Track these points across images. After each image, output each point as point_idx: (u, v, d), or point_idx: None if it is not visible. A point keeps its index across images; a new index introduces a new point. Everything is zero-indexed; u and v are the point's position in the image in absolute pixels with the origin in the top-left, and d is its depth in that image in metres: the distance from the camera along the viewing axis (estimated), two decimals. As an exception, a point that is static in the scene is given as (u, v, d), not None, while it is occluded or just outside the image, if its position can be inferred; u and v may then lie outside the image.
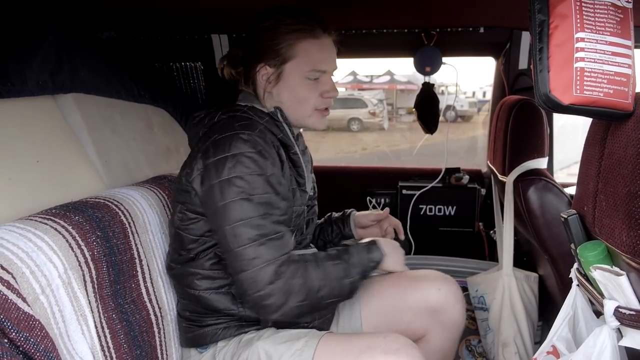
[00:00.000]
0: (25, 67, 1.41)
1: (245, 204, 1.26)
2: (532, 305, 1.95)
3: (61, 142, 1.52)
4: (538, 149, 1.76)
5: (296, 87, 1.42)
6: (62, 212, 1.22)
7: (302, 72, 1.41)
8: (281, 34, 1.39)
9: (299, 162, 1.45)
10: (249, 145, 1.28)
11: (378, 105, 15.49)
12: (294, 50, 1.39)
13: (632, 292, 0.88)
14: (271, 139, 1.37)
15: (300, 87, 1.42)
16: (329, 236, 1.76)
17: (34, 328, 0.97)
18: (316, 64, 1.41)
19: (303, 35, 1.39)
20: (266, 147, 1.31)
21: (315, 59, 1.41)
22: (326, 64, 1.44)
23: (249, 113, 1.42)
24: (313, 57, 1.40)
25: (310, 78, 1.41)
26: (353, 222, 1.75)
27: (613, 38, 0.87)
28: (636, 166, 0.82)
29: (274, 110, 1.43)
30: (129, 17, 2.04)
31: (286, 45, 1.39)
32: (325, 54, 1.43)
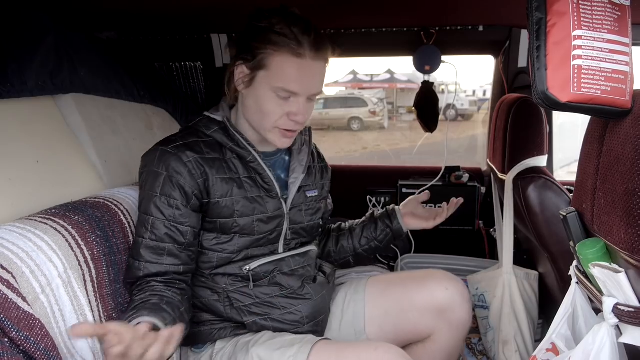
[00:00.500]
0: (25, 67, 1.41)
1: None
2: (533, 303, 1.95)
3: (61, 142, 1.52)
4: (537, 147, 1.76)
5: (262, 98, 1.33)
6: (62, 212, 1.23)
7: (270, 85, 1.31)
8: (266, 40, 1.29)
9: (260, 169, 1.41)
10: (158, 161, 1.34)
11: (378, 104, 15.49)
12: (270, 61, 1.29)
13: (630, 289, 0.88)
14: (194, 154, 1.35)
15: (265, 99, 1.33)
16: (374, 234, 1.72)
17: (34, 327, 0.97)
18: (287, 83, 1.30)
19: (284, 49, 1.28)
20: (174, 165, 1.32)
21: (287, 78, 1.30)
22: (299, 86, 1.31)
23: (199, 124, 1.43)
24: (286, 74, 1.29)
25: (278, 95, 1.32)
26: (400, 216, 1.73)
27: (611, 36, 0.87)
28: (634, 163, 0.82)
29: (222, 120, 1.42)
30: (129, 17, 2.04)
31: (265, 53, 1.29)
32: (301, 75, 1.31)
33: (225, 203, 1.37)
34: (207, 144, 1.39)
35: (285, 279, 1.46)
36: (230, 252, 1.40)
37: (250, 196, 1.40)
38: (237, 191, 1.38)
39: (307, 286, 1.49)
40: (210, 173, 1.36)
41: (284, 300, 1.44)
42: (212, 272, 1.41)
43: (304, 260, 1.52)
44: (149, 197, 1.32)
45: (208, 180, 1.36)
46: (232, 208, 1.38)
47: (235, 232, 1.39)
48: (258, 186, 1.42)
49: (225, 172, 1.38)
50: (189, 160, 1.33)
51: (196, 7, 1.89)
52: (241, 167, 1.41)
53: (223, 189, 1.37)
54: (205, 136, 1.40)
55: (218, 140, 1.40)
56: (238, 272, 1.41)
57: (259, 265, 1.43)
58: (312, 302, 1.48)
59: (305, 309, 1.46)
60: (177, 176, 1.32)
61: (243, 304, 1.41)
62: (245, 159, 1.40)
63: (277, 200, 1.45)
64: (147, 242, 1.30)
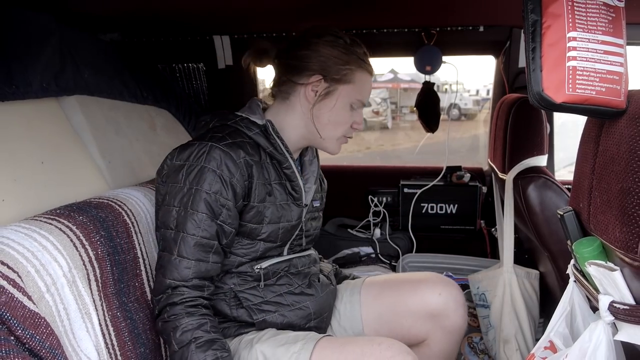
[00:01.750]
0: (29, 69, 1.43)
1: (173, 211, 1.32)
2: (533, 301, 1.96)
3: (65, 143, 1.54)
4: (538, 146, 1.77)
5: (339, 111, 1.43)
6: (67, 213, 1.24)
7: (351, 98, 1.43)
8: (346, 55, 1.41)
9: (293, 176, 1.44)
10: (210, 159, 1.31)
11: (382, 104, 15.48)
12: (353, 76, 1.42)
13: (626, 287, 0.89)
14: (245, 155, 1.35)
15: (343, 111, 1.44)
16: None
17: (40, 325, 0.99)
18: (364, 96, 1.46)
19: (363, 65, 1.43)
20: (228, 164, 1.31)
21: (365, 92, 1.46)
22: (367, 98, 1.49)
23: (240, 124, 1.41)
24: (364, 89, 1.45)
25: (353, 106, 1.45)
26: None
27: (605, 37, 0.89)
28: (629, 163, 0.84)
29: (265, 122, 1.42)
30: (132, 19, 2.06)
31: (348, 68, 1.41)
32: (369, 89, 1.49)
33: (259, 208, 1.38)
34: (251, 146, 1.38)
35: (292, 277, 1.48)
36: (252, 258, 1.41)
37: (278, 203, 1.41)
38: (269, 197, 1.39)
39: (314, 284, 1.52)
40: (255, 176, 1.36)
41: (292, 297, 1.46)
42: (225, 272, 1.42)
43: (308, 261, 1.54)
44: (198, 193, 1.28)
45: (252, 183, 1.35)
46: (263, 214, 1.38)
47: (262, 238, 1.40)
48: (287, 193, 1.43)
49: (263, 177, 1.39)
50: (239, 161, 1.32)
51: (199, 9, 1.91)
52: (273, 172, 1.41)
53: (261, 194, 1.37)
54: (248, 137, 1.39)
55: (259, 142, 1.40)
56: (249, 270, 1.42)
57: (270, 264, 1.44)
58: (319, 299, 1.50)
59: (313, 305, 1.48)
60: (230, 175, 1.30)
61: (253, 302, 1.42)
62: (281, 165, 1.42)
63: (301, 208, 1.47)
64: (199, 240, 1.29)
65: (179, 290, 1.28)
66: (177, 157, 1.35)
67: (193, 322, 1.26)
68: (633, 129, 0.84)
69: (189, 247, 1.28)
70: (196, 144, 1.33)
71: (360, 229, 2.78)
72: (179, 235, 1.29)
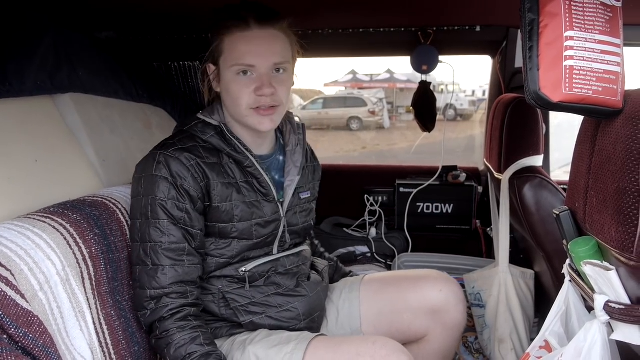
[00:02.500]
0: (24, 67, 1.42)
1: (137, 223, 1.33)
2: (528, 301, 1.97)
3: (59, 141, 1.53)
4: (533, 146, 1.77)
5: (229, 84, 1.36)
6: (60, 211, 1.24)
7: (228, 67, 1.34)
8: (216, 31, 1.36)
9: (258, 173, 1.41)
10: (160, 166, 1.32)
11: (378, 104, 15.51)
12: (223, 45, 1.35)
13: (621, 287, 0.89)
14: (196, 158, 1.34)
15: (231, 83, 1.35)
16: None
17: (33, 324, 0.98)
18: (240, 57, 1.32)
19: (231, 30, 1.33)
20: (177, 169, 1.31)
21: (240, 53, 1.32)
22: (253, 57, 1.33)
23: (194, 129, 1.40)
24: (237, 50, 1.33)
25: (239, 73, 1.34)
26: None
27: (602, 36, 0.89)
28: (625, 163, 0.84)
29: (218, 124, 1.41)
30: (128, 17, 2.05)
31: (218, 41, 1.36)
32: (253, 46, 1.33)
33: (224, 208, 1.37)
34: (205, 149, 1.38)
35: (280, 278, 1.47)
36: (229, 257, 1.41)
37: (248, 201, 1.40)
38: (237, 196, 1.38)
39: (302, 284, 1.50)
40: (211, 177, 1.35)
41: (280, 298, 1.45)
42: (208, 275, 1.41)
43: (298, 259, 1.53)
44: (154, 202, 1.30)
45: (209, 185, 1.35)
46: (232, 213, 1.38)
47: (234, 236, 1.39)
48: (255, 190, 1.42)
49: (224, 177, 1.38)
50: (190, 164, 1.32)
51: (194, 7, 1.90)
52: (238, 171, 1.40)
53: (223, 194, 1.37)
54: (202, 141, 1.39)
55: (215, 145, 1.39)
56: (234, 273, 1.41)
57: (255, 266, 1.43)
58: (308, 299, 1.49)
59: (301, 306, 1.47)
60: (181, 180, 1.31)
61: (240, 304, 1.41)
62: (243, 164, 1.40)
63: (274, 204, 1.45)
64: (167, 246, 1.29)
65: (162, 302, 1.28)
66: (136, 171, 1.37)
67: (186, 336, 1.26)
68: (630, 129, 0.84)
69: (160, 254, 1.29)
70: (150, 155, 1.36)
71: (356, 228, 2.78)
72: (147, 245, 1.30)
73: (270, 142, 1.52)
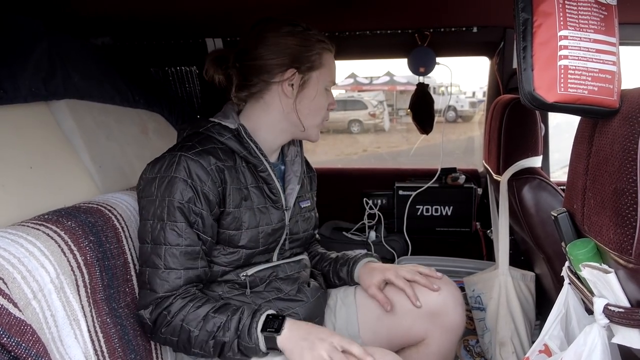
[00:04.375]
0: (18, 73, 1.41)
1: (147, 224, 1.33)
2: (529, 304, 1.95)
3: (55, 148, 1.52)
4: (532, 147, 1.76)
5: (317, 97, 1.44)
6: (55, 218, 1.23)
7: (325, 82, 1.45)
8: (312, 42, 1.41)
9: (270, 179, 1.42)
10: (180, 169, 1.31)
11: (378, 106, 15.50)
12: (322, 59, 1.43)
13: (620, 290, 0.88)
14: (216, 161, 1.34)
15: (320, 97, 1.45)
16: (330, 279, 1.69)
17: (26, 333, 0.97)
18: (334, 76, 1.48)
19: (326, 46, 1.44)
20: (198, 172, 1.31)
21: (334, 71, 1.48)
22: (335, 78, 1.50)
23: (211, 130, 1.40)
24: (333, 68, 1.47)
25: (327, 89, 1.47)
26: (357, 274, 1.62)
27: (597, 35, 0.88)
28: (623, 163, 0.82)
29: (237, 127, 1.40)
30: (124, 23, 2.04)
31: (316, 53, 1.41)
32: (336, 67, 1.50)
33: (235, 214, 1.37)
34: (223, 151, 1.37)
35: (281, 283, 1.46)
36: (235, 266, 1.40)
37: (255, 207, 1.40)
38: (244, 202, 1.38)
39: (303, 289, 1.50)
40: (229, 181, 1.35)
41: (280, 303, 1.45)
42: (210, 281, 1.41)
43: (298, 266, 1.53)
44: (171, 204, 1.28)
45: (226, 189, 1.35)
46: (240, 220, 1.37)
47: (242, 245, 1.38)
48: (264, 196, 1.42)
49: (237, 181, 1.38)
50: (211, 168, 1.32)
51: (191, 12, 1.90)
52: (250, 176, 1.40)
53: (235, 199, 1.36)
54: (220, 143, 1.38)
55: (231, 147, 1.38)
56: (235, 278, 1.41)
57: (256, 271, 1.43)
58: (308, 304, 1.49)
59: (302, 311, 1.47)
60: (200, 184, 1.30)
61: None
62: (257, 168, 1.40)
63: (281, 211, 1.46)
64: (184, 249, 1.29)
65: (170, 296, 1.29)
66: (149, 171, 1.35)
67: (198, 302, 1.28)
68: (627, 129, 0.83)
69: (175, 257, 1.28)
70: (167, 155, 1.34)
71: (355, 231, 2.77)
72: (161, 248, 1.29)
73: (278, 151, 1.54)
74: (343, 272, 1.64)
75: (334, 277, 1.67)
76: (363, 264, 1.63)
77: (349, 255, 1.68)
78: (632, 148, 0.80)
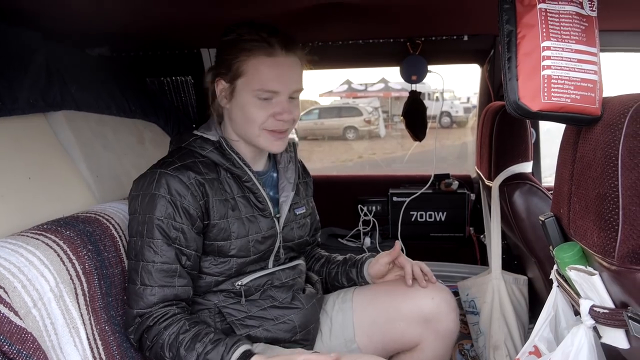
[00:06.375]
0: (16, 86, 1.43)
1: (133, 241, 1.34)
2: (522, 307, 1.98)
3: (53, 158, 1.54)
4: (522, 153, 1.79)
5: (245, 106, 1.37)
6: (54, 227, 1.25)
7: (251, 90, 1.35)
8: (237, 49, 1.36)
9: (255, 188, 1.42)
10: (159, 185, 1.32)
11: (373, 113, 15.54)
12: (245, 67, 1.35)
13: (605, 291, 0.91)
14: (195, 175, 1.35)
15: (249, 105, 1.37)
16: (344, 285, 1.70)
17: (26, 341, 0.99)
18: (265, 82, 1.35)
19: (256, 52, 1.34)
20: (177, 188, 1.32)
21: (265, 78, 1.35)
22: (277, 83, 1.36)
23: (193, 145, 1.41)
24: (263, 75, 1.35)
25: (260, 97, 1.36)
26: (367, 274, 1.65)
27: (578, 46, 0.91)
28: (605, 169, 0.85)
29: (219, 139, 1.42)
30: (120, 34, 2.07)
31: (239, 60, 1.35)
32: (278, 73, 1.36)
33: (222, 225, 1.37)
34: (204, 165, 1.38)
35: (276, 291, 1.47)
36: (227, 275, 1.41)
37: (244, 216, 1.41)
38: (232, 212, 1.39)
39: (298, 296, 1.51)
40: (210, 194, 1.36)
41: (275, 311, 1.46)
42: (204, 291, 1.42)
43: (293, 272, 1.54)
44: (150, 221, 1.30)
45: (208, 202, 1.36)
46: (229, 230, 1.38)
47: (232, 254, 1.40)
48: (252, 205, 1.43)
49: (222, 193, 1.39)
50: (190, 182, 1.33)
51: (186, 23, 1.92)
52: (235, 186, 1.41)
53: (220, 210, 1.37)
54: (201, 156, 1.39)
55: (214, 160, 1.40)
56: (230, 287, 1.42)
57: (251, 280, 1.44)
58: (304, 311, 1.49)
59: (297, 318, 1.47)
60: (180, 199, 1.31)
61: (236, 318, 1.42)
62: (241, 179, 1.41)
63: (270, 219, 1.46)
64: (159, 266, 1.29)
65: (148, 314, 1.29)
66: (134, 188, 1.38)
67: (173, 329, 1.27)
68: (608, 135, 0.86)
69: (150, 274, 1.29)
70: (148, 173, 1.36)
71: (350, 238, 2.79)
72: (139, 264, 1.30)
73: (265, 159, 1.54)
74: (353, 273, 1.67)
75: (342, 278, 1.69)
76: (371, 259, 1.66)
77: (357, 258, 1.71)
78: (614, 154, 0.83)
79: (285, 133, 1.42)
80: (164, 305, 1.30)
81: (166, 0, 1.54)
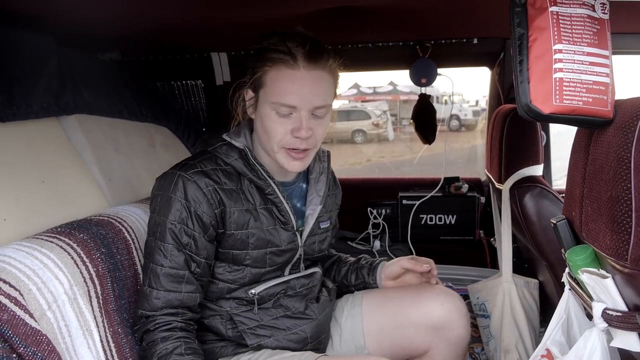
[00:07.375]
0: (30, 90, 1.45)
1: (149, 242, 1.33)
2: (533, 311, 1.97)
3: (66, 162, 1.56)
4: (533, 156, 1.79)
5: (264, 118, 1.31)
6: (67, 230, 1.26)
7: (269, 102, 1.30)
8: (262, 59, 1.30)
9: (278, 201, 1.38)
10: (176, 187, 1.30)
11: (382, 116, 15.52)
12: (266, 78, 1.30)
13: (618, 294, 0.90)
14: (213, 183, 1.32)
15: (267, 118, 1.31)
16: (351, 284, 1.69)
17: (41, 343, 1.00)
18: (282, 96, 1.27)
19: (278, 64, 1.27)
20: (193, 193, 1.30)
21: (282, 92, 1.28)
22: (296, 98, 1.28)
23: (218, 150, 1.38)
24: (281, 88, 1.28)
25: (278, 112, 1.29)
26: (380, 274, 1.64)
27: (590, 49, 0.91)
28: (617, 171, 0.85)
29: (243, 148, 1.38)
30: (132, 39, 2.09)
31: (262, 71, 1.30)
32: (297, 87, 1.27)
33: (240, 235, 1.35)
34: (226, 173, 1.35)
35: (289, 300, 1.45)
36: (241, 284, 1.39)
37: (265, 228, 1.37)
38: (253, 223, 1.36)
39: (311, 306, 1.48)
40: (228, 204, 1.32)
41: (288, 321, 1.43)
42: (217, 297, 1.41)
43: (308, 281, 1.50)
44: (164, 223, 1.28)
45: (225, 211, 1.33)
46: (247, 241, 1.36)
47: (247, 264, 1.37)
48: (274, 217, 1.39)
49: (243, 203, 1.35)
50: (207, 190, 1.30)
51: (195, 28, 1.94)
52: (258, 197, 1.38)
53: (240, 220, 1.34)
54: (224, 164, 1.36)
55: (237, 169, 1.36)
56: (244, 295, 1.40)
57: (265, 288, 1.41)
58: (316, 322, 1.47)
59: (309, 329, 1.45)
60: (195, 205, 1.29)
61: (248, 326, 1.40)
62: (264, 190, 1.37)
63: (292, 233, 1.42)
64: (167, 270, 1.28)
65: (152, 318, 1.28)
66: (155, 186, 1.36)
67: (168, 346, 1.25)
68: (621, 138, 0.86)
69: (157, 277, 1.29)
70: (169, 172, 1.34)
71: (359, 241, 2.80)
72: (149, 265, 1.30)
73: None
74: (364, 270, 1.66)
75: (351, 275, 1.68)
76: (383, 263, 1.66)
77: (371, 259, 1.70)
78: (626, 157, 0.83)
79: (303, 153, 1.34)
80: (168, 312, 1.29)
81: (176, 5, 1.55)
